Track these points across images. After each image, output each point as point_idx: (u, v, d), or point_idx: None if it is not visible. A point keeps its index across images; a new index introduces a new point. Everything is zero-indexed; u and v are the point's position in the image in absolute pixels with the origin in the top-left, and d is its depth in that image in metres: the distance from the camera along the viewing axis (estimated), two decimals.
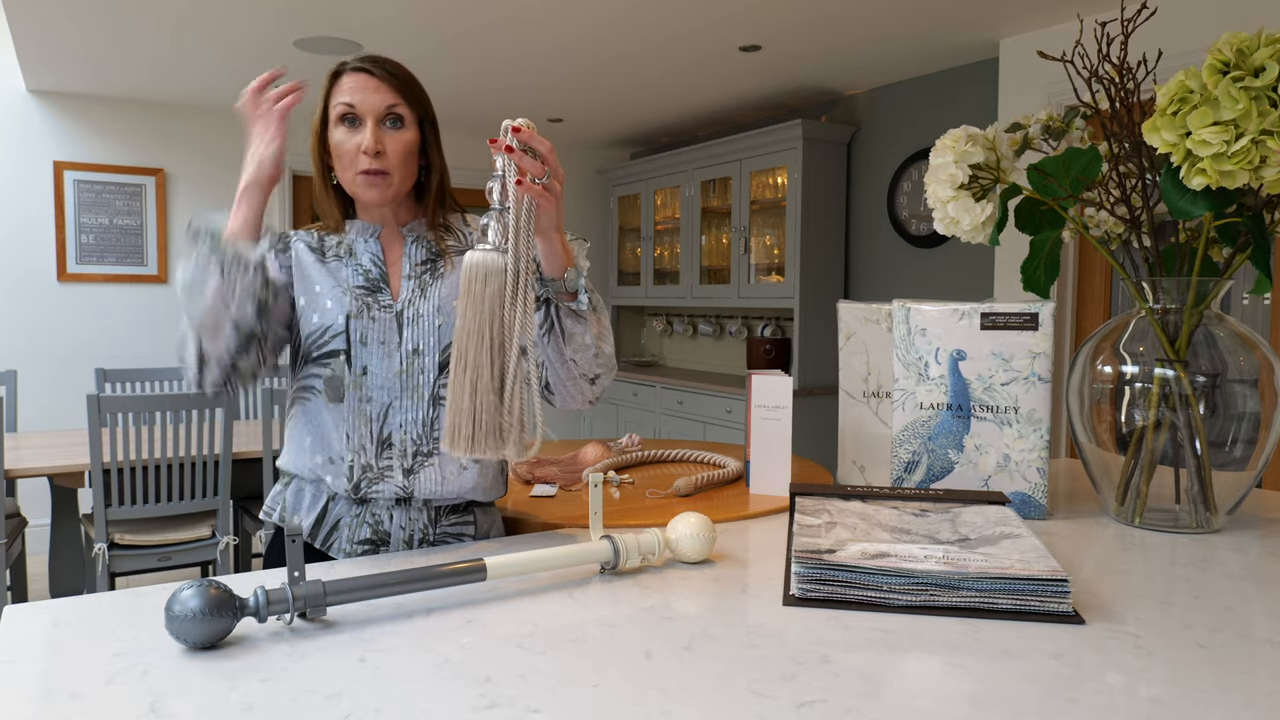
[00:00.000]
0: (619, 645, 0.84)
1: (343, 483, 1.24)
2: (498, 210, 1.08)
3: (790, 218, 4.42)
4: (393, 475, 1.24)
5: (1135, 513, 1.29)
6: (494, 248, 1.07)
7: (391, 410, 1.25)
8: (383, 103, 1.23)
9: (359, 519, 1.26)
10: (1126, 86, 1.28)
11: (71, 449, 3.17)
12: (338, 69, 1.26)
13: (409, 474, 1.25)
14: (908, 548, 0.99)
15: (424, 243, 1.30)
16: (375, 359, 1.24)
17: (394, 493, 1.25)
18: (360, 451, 1.24)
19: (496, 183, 1.09)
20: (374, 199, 1.23)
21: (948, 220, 1.37)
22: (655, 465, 1.88)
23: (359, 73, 1.24)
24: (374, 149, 1.21)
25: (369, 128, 1.22)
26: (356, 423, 1.24)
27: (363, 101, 1.22)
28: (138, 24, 3.39)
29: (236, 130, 4.97)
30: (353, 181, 1.24)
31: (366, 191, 1.23)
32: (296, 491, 1.30)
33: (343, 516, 1.27)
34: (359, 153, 1.22)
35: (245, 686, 0.76)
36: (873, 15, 3.29)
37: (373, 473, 1.24)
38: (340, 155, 1.24)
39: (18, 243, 4.50)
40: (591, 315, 1.21)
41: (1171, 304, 1.27)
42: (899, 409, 1.37)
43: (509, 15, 3.29)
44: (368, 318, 1.25)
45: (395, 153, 1.23)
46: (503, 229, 1.07)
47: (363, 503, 1.26)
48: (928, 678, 0.77)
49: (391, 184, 1.24)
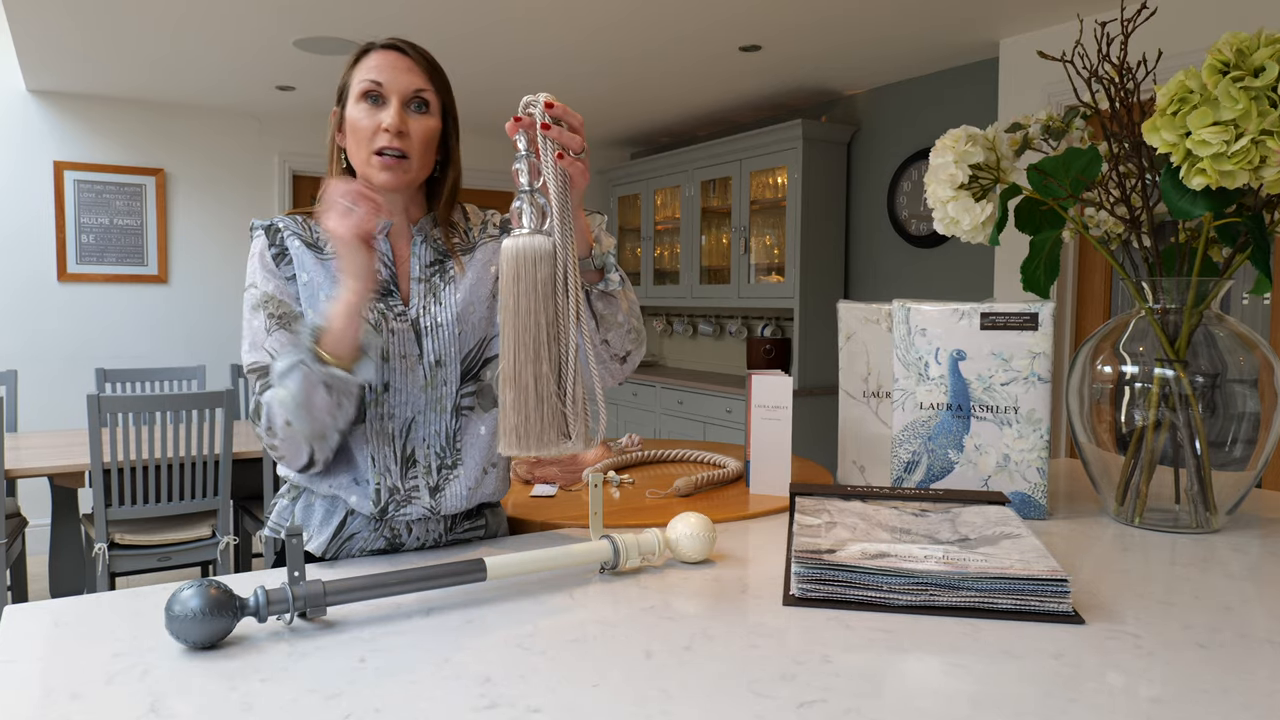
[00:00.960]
0: (619, 645, 0.84)
1: (368, 505, 1.18)
2: (528, 192, 1.02)
3: (790, 218, 4.42)
4: (420, 497, 1.19)
5: (1135, 513, 1.29)
6: (533, 231, 1.01)
7: (414, 426, 1.19)
8: (411, 84, 1.17)
9: (376, 533, 1.21)
10: (1126, 86, 1.28)
11: (71, 449, 3.17)
12: (366, 47, 1.19)
13: (435, 492, 1.20)
14: (908, 548, 0.99)
15: (432, 242, 1.24)
16: (398, 374, 1.18)
17: (420, 514, 1.20)
18: (385, 474, 1.18)
19: (523, 163, 1.02)
20: (387, 182, 1.16)
21: (948, 220, 1.37)
22: (655, 465, 1.88)
23: (390, 50, 1.18)
24: (397, 128, 1.14)
25: (394, 107, 1.15)
26: (379, 443, 1.17)
27: (391, 80, 1.16)
28: (138, 24, 3.39)
29: (236, 130, 4.98)
30: (366, 161, 1.16)
31: (380, 174, 1.16)
32: (306, 506, 1.22)
33: (360, 531, 1.20)
34: (379, 130, 1.15)
35: (245, 686, 0.75)
36: (873, 15, 3.29)
37: (400, 495, 1.18)
38: (357, 131, 1.16)
39: (18, 243, 4.49)
40: (621, 292, 1.16)
41: (1171, 304, 1.27)
42: (899, 409, 1.37)
43: (511, 17, 3.29)
44: (387, 330, 1.17)
45: (418, 137, 1.17)
46: (536, 211, 1.01)
47: (383, 520, 1.21)
48: (928, 678, 0.77)
49: (410, 169, 1.17)
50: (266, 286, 1.17)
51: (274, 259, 1.18)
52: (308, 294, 1.18)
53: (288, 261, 1.19)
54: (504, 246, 1.01)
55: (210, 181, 4.92)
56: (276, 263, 1.18)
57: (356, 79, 1.18)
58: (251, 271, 1.19)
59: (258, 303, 1.17)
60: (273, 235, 1.20)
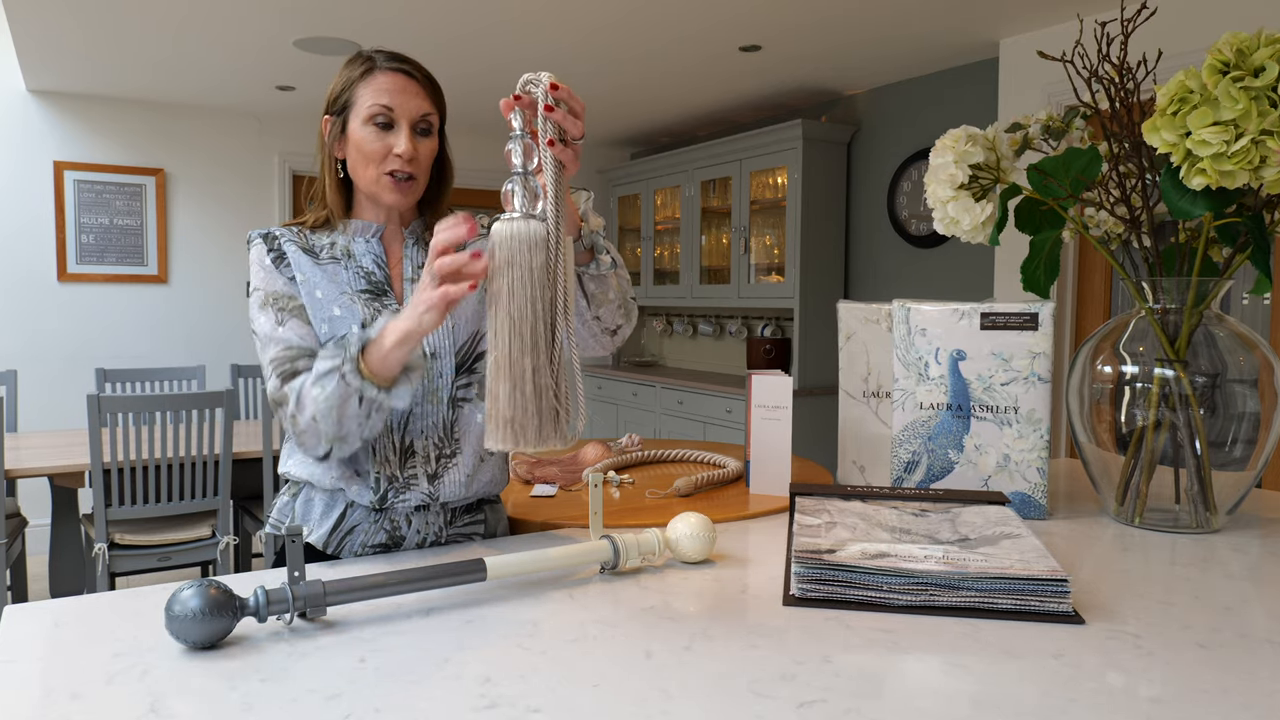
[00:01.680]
0: (619, 645, 0.84)
1: (367, 495, 1.20)
2: (521, 174, 0.98)
3: (790, 218, 4.42)
4: (418, 483, 1.21)
5: (1135, 513, 1.29)
6: (524, 215, 0.97)
7: (412, 418, 1.21)
8: (419, 110, 1.20)
9: (376, 524, 1.23)
10: (1126, 86, 1.28)
11: (71, 449, 3.17)
12: (369, 64, 1.21)
13: (434, 479, 1.22)
14: (908, 548, 0.99)
15: (424, 244, 1.28)
16: None
17: (419, 500, 1.22)
18: (385, 464, 1.20)
19: (517, 144, 0.99)
20: (396, 202, 1.21)
21: (948, 220, 1.37)
22: (655, 465, 1.88)
23: (398, 74, 1.20)
24: (410, 154, 1.18)
25: (404, 133, 1.19)
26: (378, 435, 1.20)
27: (401, 106, 1.18)
28: (138, 24, 3.39)
29: (237, 130, 4.98)
30: (375, 181, 1.20)
31: (390, 194, 1.20)
32: (306, 501, 1.25)
33: (360, 523, 1.23)
34: (390, 155, 1.18)
35: (245, 686, 0.75)
36: (873, 15, 3.29)
37: (398, 483, 1.21)
38: (365, 153, 1.19)
39: (18, 243, 4.49)
40: (612, 273, 1.17)
41: (1171, 304, 1.27)
42: (899, 409, 1.37)
43: (511, 18, 3.29)
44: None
45: (424, 159, 1.22)
46: (529, 194, 0.98)
47: (383, 510, 1.23)
48: (928, 678, 0.77)
49: (417, 189, 1.22)
50: (270, 286, 1.20)
51: (273, 262, 1.21)
52: (305, 292, 1.21)
53: (286, 264, 1.22)
54: (495, 230, 0.97)
55: (210, 181, 4.92)
56: (276, 265, 1.21)
57: (364, 100, 1.19)
58: (253, 276, 1.22)
59: (264, 302, 1.20)
60: (270, 241, 1.23)
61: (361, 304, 1.21)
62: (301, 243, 1.24)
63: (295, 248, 1.23)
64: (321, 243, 1.25)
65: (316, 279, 1.22)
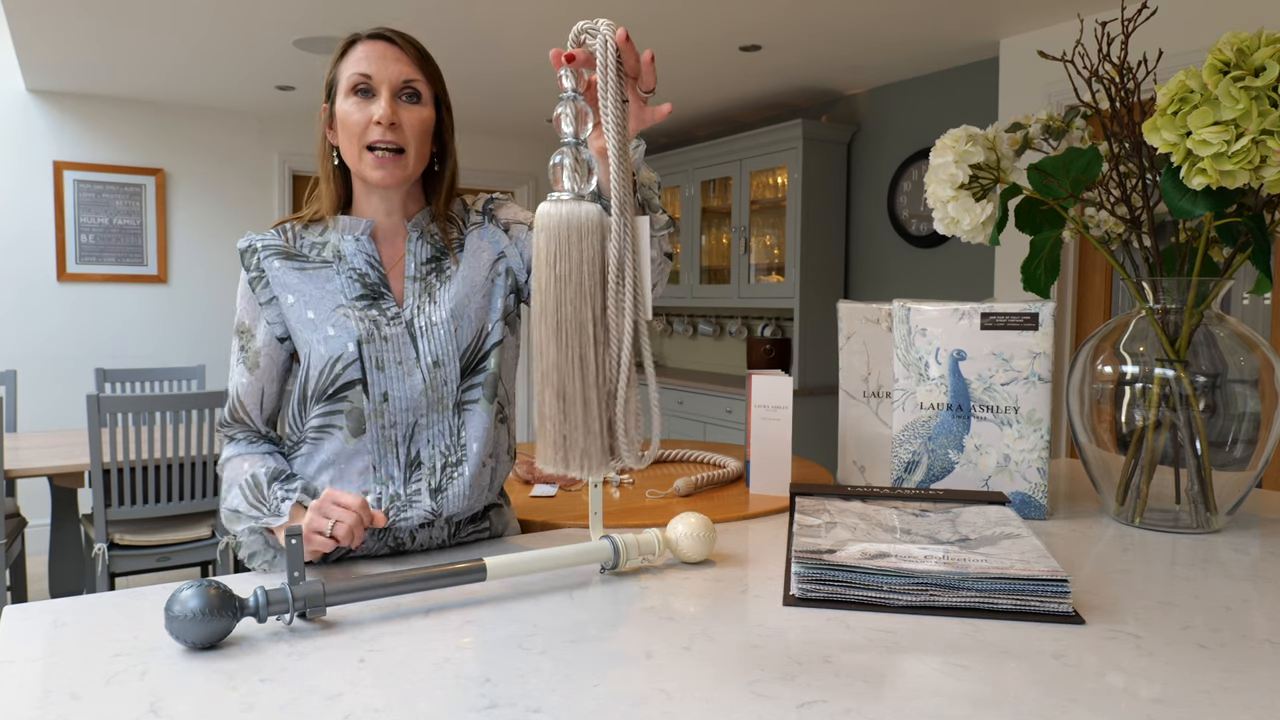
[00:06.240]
0: (619, 645, 0.84)
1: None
2: (572, 144, 0.85)
3: (790, 218, 4.42)
4: (420, 500, 1.15)
5: (1135, 513, 1.29)
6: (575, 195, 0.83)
7: (418, 429, 1.15)
8: (400, 74, 1.12)
9: (380, 541, 1.17)
10: (1126, 86, 1.28)
11: (71, 449, 3.17)
12: (352, 39, 1.15)
13: (437, 493, 1.16)
14: (908, 548, 0.99)
15: (429, 238, 1.20)
16: (395, 381, 1.14)
17: (422, 518, 1.16)
18: (389, 482, 1.15)
19: (569, 107, 0.85)
20: (383, 180, 1.12)
21: (948, 220, 1.37)
22: (655, 465, 1.88)
23: (377, 40, 1.13)
24: (389, 119, 1.10)
25: (384, 98, 1.11)
26: (383, 452, 1.14)
27: (379, 71, 1.11)
28: (138, 24, 3.39)
29: (237, 130, 4.97)
30: (359, 158, 1.12)
31: (375, 171, 1.12)
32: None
33: (364, 541, 1.16)
34: (370, 124, 1.11)
35: (245, 686, 0.75)
36: (873, 15, 3.29)
37: (401, 501, 1.15)
38: (347, 126, 1.12)
39: (18, 243, 4.49)
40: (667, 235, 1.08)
41: (1171, 304, 1.27)
42: (899, 409, 1.37)
43: (511, 20, 3.29)
44: (379, 339, 1.13)
45: (411, 128, 1.13)
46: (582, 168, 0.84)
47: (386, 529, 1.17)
48: (928, 678, 0.77)
49: (406, 164, 1.13)
50: (242, 316, 1.20)
51: (251, 284, 1.18)
52: (295, 315, 1.16)
53: (264, 285, 1.17)
54: (540, 214, 0.84)
55: (210, 181, 4.92)
56: (254, 287, 1.18)
57: (344, 72, 1.14)
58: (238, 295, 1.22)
59: (236, 328, 1.21)
60: (250, 258, 1.18)
61: (356, 316, 1.14)
62: (288, 247, 1.18)
63: (278, 259, 1.17)
64: (313, 241, 1.19)
65: (306, 294, 1.15)
